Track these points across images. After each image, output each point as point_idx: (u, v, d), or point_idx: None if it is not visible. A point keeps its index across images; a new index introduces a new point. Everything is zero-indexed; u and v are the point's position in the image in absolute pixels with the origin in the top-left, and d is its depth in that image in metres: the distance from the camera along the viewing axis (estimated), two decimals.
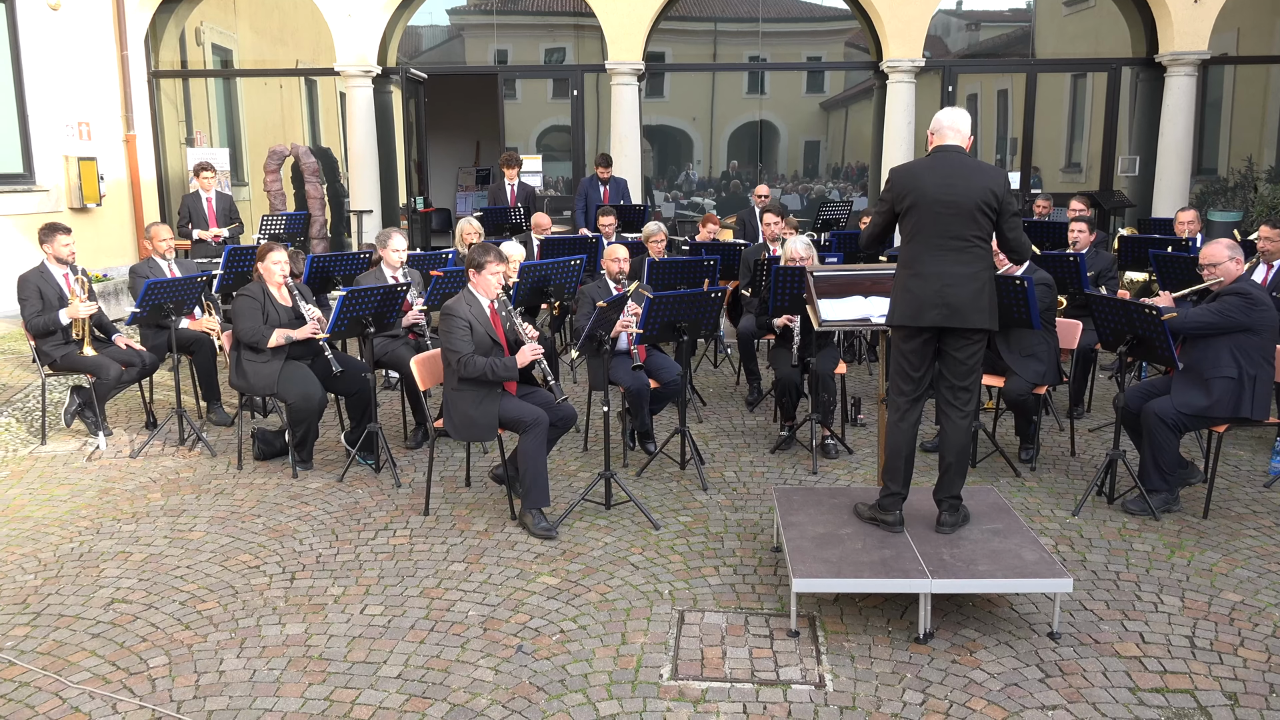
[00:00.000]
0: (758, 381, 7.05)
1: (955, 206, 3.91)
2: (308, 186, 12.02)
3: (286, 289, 5.70)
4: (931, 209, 3.94)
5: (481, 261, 4.83)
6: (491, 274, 4.84)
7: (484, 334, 4.79)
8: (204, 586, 4.21)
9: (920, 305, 3.97)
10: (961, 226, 3.92)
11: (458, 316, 4.74)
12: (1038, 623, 3.84)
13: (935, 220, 3.94)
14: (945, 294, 3.93)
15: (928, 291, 3.95)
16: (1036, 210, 9.46)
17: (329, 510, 5.06)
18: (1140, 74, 11.76)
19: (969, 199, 3.91)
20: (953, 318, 3.93)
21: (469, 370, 4.67)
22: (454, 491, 5.32)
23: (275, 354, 5.54)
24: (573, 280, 6.92)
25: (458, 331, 4.72)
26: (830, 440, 5.88)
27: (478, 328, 4.78)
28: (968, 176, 3.93)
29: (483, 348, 4.77)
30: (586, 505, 5.02)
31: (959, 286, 3.92)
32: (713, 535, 4.70)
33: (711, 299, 5.30)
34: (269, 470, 5.69)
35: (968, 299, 3.91)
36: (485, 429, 4.77)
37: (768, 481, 5.44)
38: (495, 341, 4.84)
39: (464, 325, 4.73)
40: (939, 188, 3.94)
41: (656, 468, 5.65)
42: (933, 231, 3.94)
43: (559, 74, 12.39)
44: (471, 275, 4.88)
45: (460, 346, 4.70)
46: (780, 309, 5.87)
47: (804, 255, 5.93)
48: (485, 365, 4.67)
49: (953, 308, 3.92)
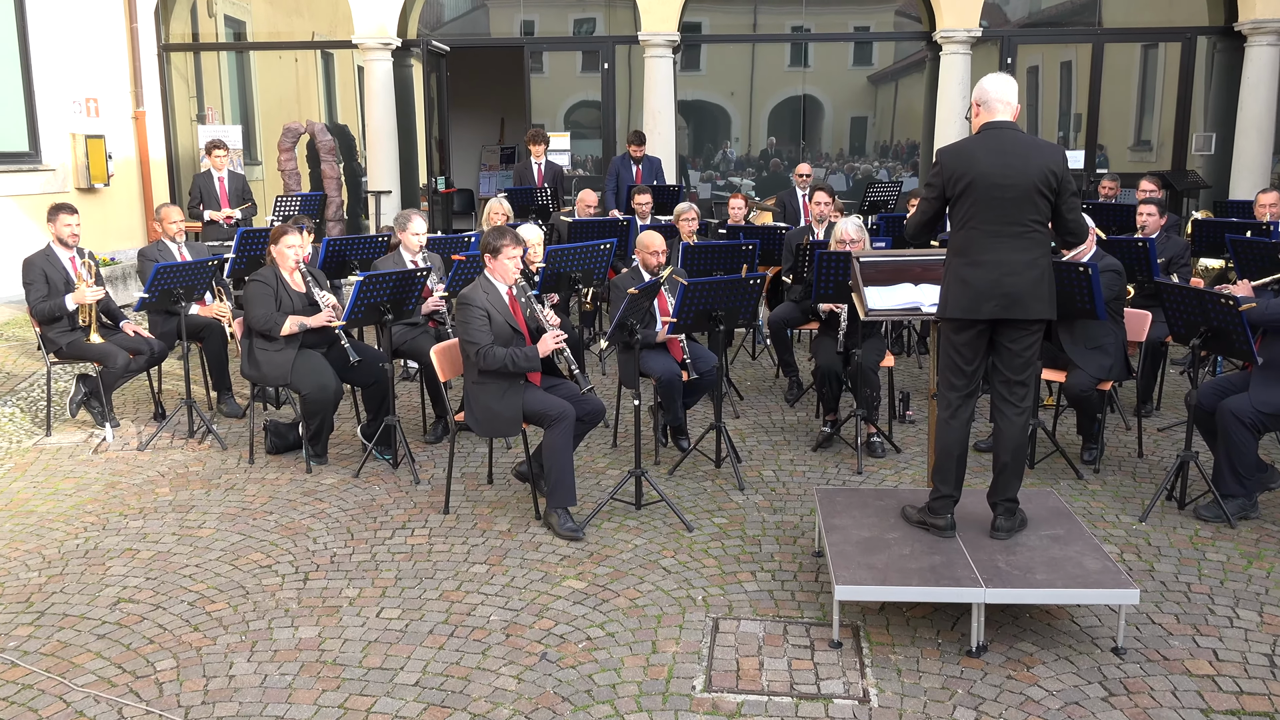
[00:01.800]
0: (795, 375, 7.03)
1: (1012, 189, 3.85)
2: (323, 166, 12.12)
3: (300, 274, 5.73)
4: (987, 193, 3.88)
5: (497, 246, 4.84)
6: (508, 258, 4.84)
7: (503, 323, 4.80)
8: (213, 586, 4.25)
9: (977, 296, 3.92)
10: (1019, 210, 3.86)
11: (474, 305, 4.75)
12: (1101, 637, 3.78)
13: (991, 204, 3.88)
14: (1003, 283, 3.87)
15: (984, 281, 3.90)
16: (1102, 191, 9.32)
17: (344, 508, 5.09)
18: (1217, 44, 11.53)
19: (1027, 180, 3.85)
20: (1012, 308, 3.88)
21: (488, 362, 4.68)
22: (475, 489, 5.34)
23: (289, 342, 5.58)
24: (602, 265, 6.92)
25: (475, 321, 4.73)
26: (876, 438, 5.84)
27: (496, 316, 4.78)
28: (1025, 155, 3.87)
29: (502, 337, 4.77)
30: (615, 505, 5.02)
31: (1018, 275, 3.86)
32: (750, 538, 4.69)
33: (749, 286, 5.28)
34: (282, 465, 5.73)
35: (1027, 288, 3.86)
36: (508, 423, 4.78)
37: (809, 481, 5.42)
38: (515, 330, 4.84)
39: (481, 314, 4.74)
40: (995, 169, 3.87)
41: (690, 466, 5.64)
42: (988, 216, 3.89)
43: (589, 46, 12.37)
44: (487, 261, 4.88)
45: (478, 337, 4.71)
46: (825, 295, 5.84)
47: (854, 238, 5.88)
48: (505, 356, 4.68)
49: (1011, 298, 3.87)
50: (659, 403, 5.76)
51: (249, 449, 5.85)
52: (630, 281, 5.76)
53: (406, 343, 6.08)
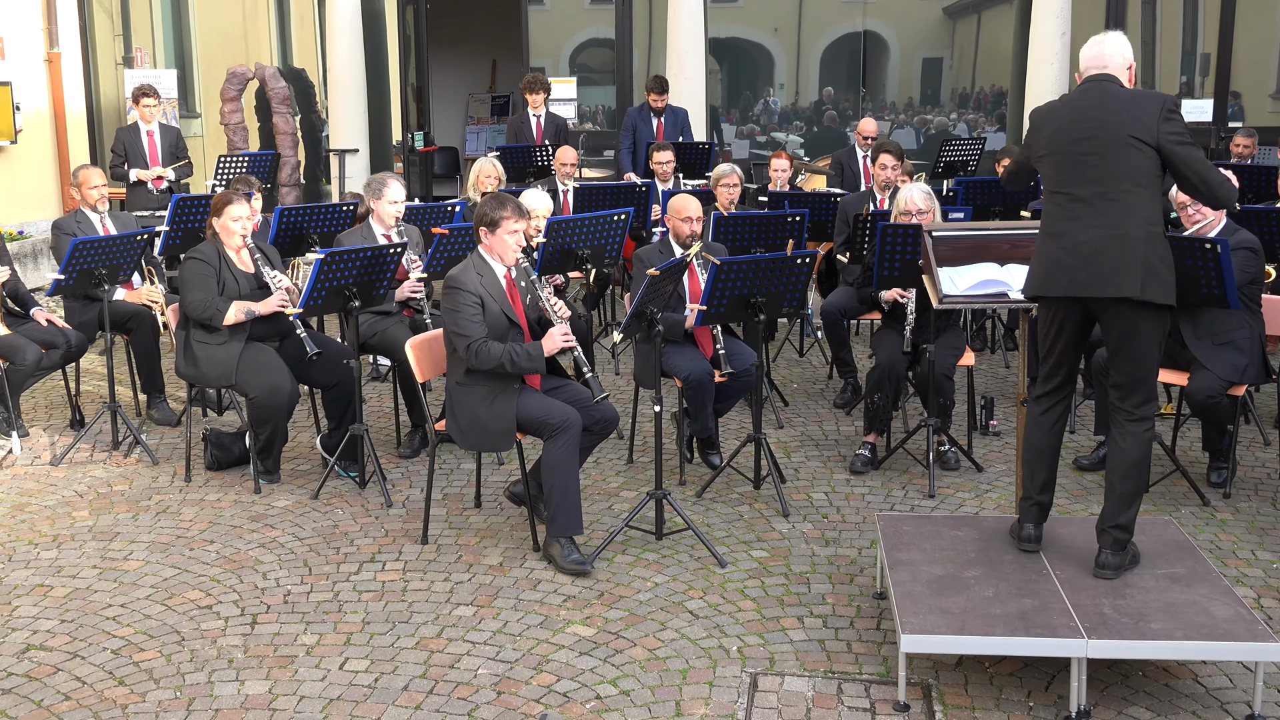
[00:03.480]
0: (852, 376, 7.02)
1: (1092, 143, 3.95)
2: (276, 119, 12.18)
3: (249, 251, 5.76)
4: (1065, 150, 4.00)
5: (496, 218, 4.83)
6: (509, 233, 4.84)
7: (499, 312, 4.80)
8: (142, 631, 4.27)
9: (1050, 270, 4.01)
10: (1104, 170, 3.94)
11: (464, 290, 4.75)
12: (1232, 701, 3.76)
13: (1070, 165, 3.99)
14: (1080, 254, 3.94)
15: (1060, 253, 3.99)
16: (1235, 150, 9.26)
17: (300, 536, 5.11)
18: None
19: (1111, 133, 3.93)
20: (1090, 284, 3.94)
21: (481, 360, 4.69)
22: (460, 514, 5.35)
23: (234, 334, 5.61)
24: (616, 241, 6.92)
25: (465, 310, 4.73)
26: (949, 450, 5.83)
27: (491, 304, 4.78)
28: (1112, 108, 3.96)
29: (497, 329, 4.78)
30: (631, 534, 5.02)
31: (1101, 245, 3.92)
32: (796, 576, 4.68)
33: (796, 266, 5.26)
34: (225, 483, 5.76)
35: (1111, 260, 3.91)
36: (499, 435, 4.79)
37: (868, 507, 5.40)
38: (513, 322, 4.85)
39: (473, 301, 4.74)
40: (1072, 123, 4.00)
41: (723, 486, 5.64)
42: (1068, 179, 4.00)
43: None
44: (483, 235, 4.88)
45: (469, 329, 4.71)
46: (888, 279, 5.81)
47: (921, 208, 5.88)
48: (502, 354, 4.69)
49: (1090, 272, 3.93)
50: (685, 409, 5.75)
51: (185, 464, 5.88)
52: (658, 256, 5.76)
53: (377, 335, 6.10)
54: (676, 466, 5.86)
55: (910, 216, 5.84)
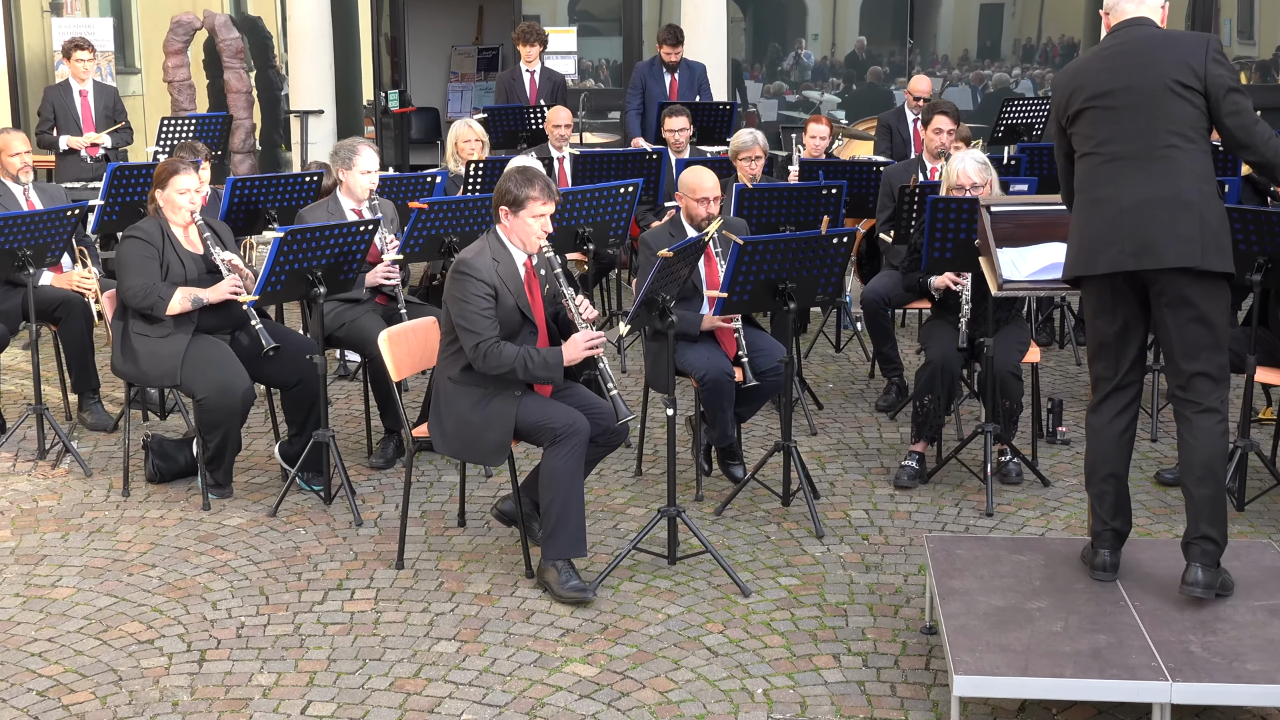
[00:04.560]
0: (898, 375, 6.99)
1: (1132, 94, 3.95)
2: (227, 75, 12.18)
3: (197, 228, 5.77)
4: (1101, 106, 3.99)
5: (521, 196, 4.77)
6: (535, 216, 4.77)
7: (512, 306, 4.78)
8: (73, 669, 4.27)
9: (1093, 243, 4.01)
10: (1146, 124, 3.94)
11: (477, 278, 4.71)
12: None
13: (1106, 121, 3.99)
14: (1124, 223, 3.95)
15: (1101, 223, 3.99)
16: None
17: (256, 559, 5.11)
18: None
19: (1150, 81, 3.93)
20: (1142, 256, 3.94)
21: (490, 363, 4.66)
22: (441, 534, 5.35)
23: (179, 325, 5.61)
24: (622, 218, 6.90)
25: (476, 301, 4.69)
26: (1011, 461, 5.83)
27: (505, 296, 4.76)
28: (1149, 52, 3.96)
29: (507, 325, 4.76)
30: (640, 558, 5.02)
31: (1149, 210, 3.93)
32: (831, 607, 4.67)
33: (832, 247, 5.24)
34: (168, 498, 5.76)
35: (1164, 226, 3.91)
36: (491, 446, 4.78)
37: (916, 526, 5.39)
38: (527, 319, 4.84)
39: (486, 292, 4.70)
40: (1105, 74, 3.99)
41: (746, 503, 5.63)
42: (1105, 136, 4.00)
43: None
44: (503, 216, 4.83)
45: (480, 325, 4.67)
46: (940, 262, 5.80)
47: (976, 180, 5.86)
48: (516, 358, 4.66)
49: (1141, 242, 3.93)
50: (702, 413, 5.73)
51: (123, 476, 5.88)
52: (666, 238, 5.73)
53: (345, 326, 6.10)
54: (692, 480, 5.84)
55: (964, 190, 5.81)
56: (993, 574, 4.24)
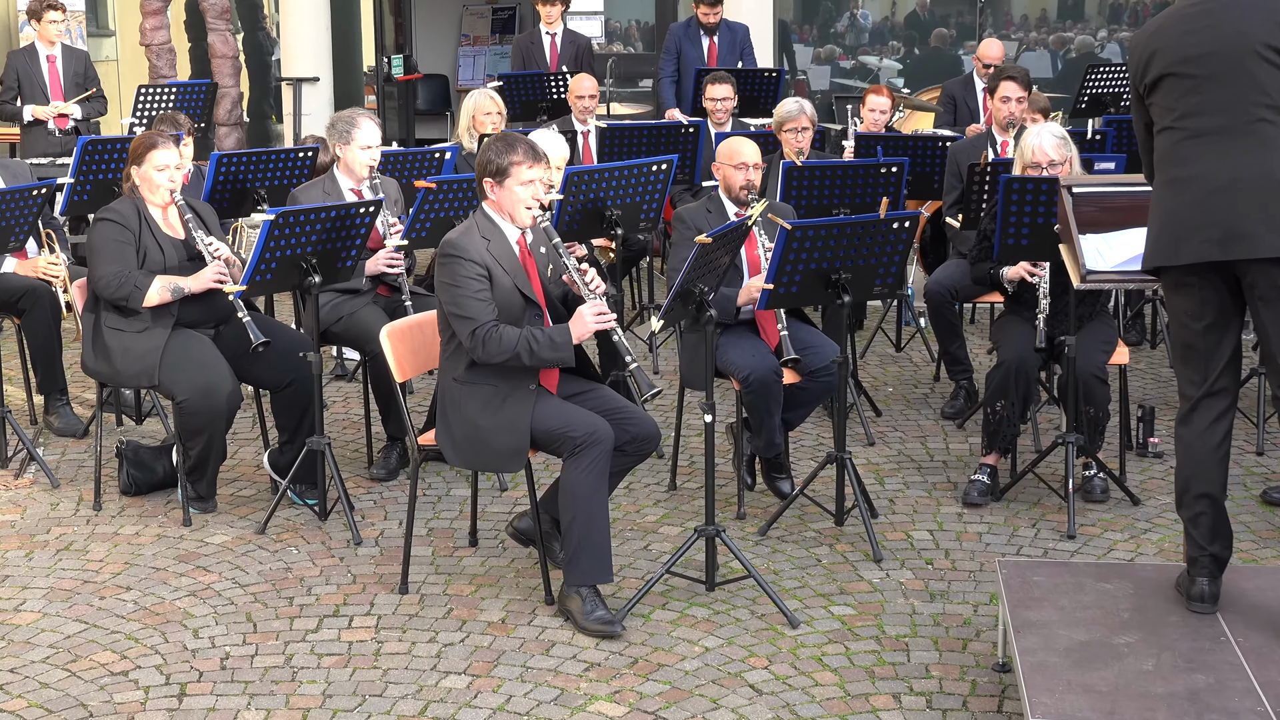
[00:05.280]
0: (967, 377, 6.99)
1: (1215, 60, 3.95)
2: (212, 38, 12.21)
3: (178, 210, 5.79)
4: (1180, 74, 4.00)
5: (503, 164, 4.82)
6: (522, 184, 4.83)
7: (510, 287, 4.80)
8: (38, 704, 4.29)
9: (1176, 231, 4.01)
10: (1233, 95, 3.94)
11: (466, 259, 4.75)
12: None
13: (1189, 91, 3.99)
14: (1210, 206, 3.93)
15: (1185, 207, 3.99)
16: None
17: (243, 582, 5.13)
18: None
19: (1237, 47, 3.93)
20: (1230, 245, 3.93)
21: (490, 350, 4.68)
22: (450, 555, 5.36)
23: (157, 319, 5.63)
24: (654, 200, 6.90)
25: (468, 284, 4.73)
26: (1096, 475, 5.80)
27: (501, 277, 4.79)
28: (1237, 9, 3.96)
29: (508, 311, 4.78)
30: (674, 583, 5.02)
31: (1237, 192, 3.92)
32: (891, 640, 4.67)
33: (892, 232, 5.24)
34: (145, 512, 5.79)
35: (1253, 211, 3.90)
36: (508, 451, 4.78)
37: (987, 549, 5.37)
38: (530, 300, 4.86)
39: (478, 274, 4.74)
40: (1186, 38, 3.99)
41: (794, 522, 5.63)
42: (1187, 108, 4.00)
43: None
44: (488, 189, 4.89)
45: (474, 310, 4.71)
46: (1014, 250, 5.78)
47: (1054, 158, 5.86)
48: (518, 341, 4.68)
49: (1228, 228, 3.92)
50: (744, 419, 5.73)
51: (94, 487, 5.90)
52: (704, 219, 5.73)
53: (343, 320, 6.12)
54: (733, 495, 5.84)
55: (1041, 168, 5.81)
56: (1075, 604, 4.22)
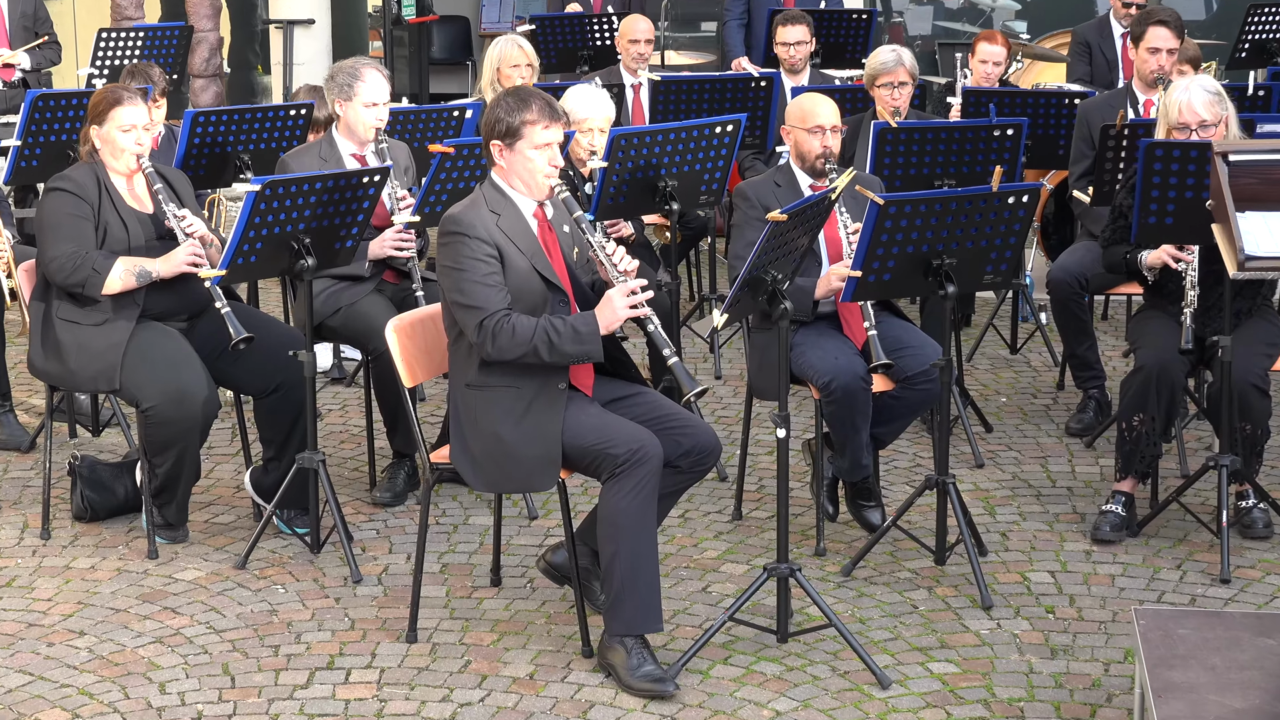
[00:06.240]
0: (1098, 385, 6.97)
1: None
2: None
3: (146, 179, 5.79)
4: None
5: (514, 124, 4.82)
6: (536, 147, 4.83)
7: (526, 269, 4.81)
8: None
9: None
10: None
11: (473, 236, 4.75)
12: None
13: None
14: None
15: None
16: None
17: (220, 626, 5.13)
18: None
19: None
20: None
21: (502, 345, 4.68)
22: (468, 596, 5.36)
23: (119, 309, 5.63)
24: (717, 168, 6.89)
25: (475, 267, 4.73)
26: (1255, 506, 5.76)
27: (516, 258, 4.79)
28: None
29: (527, 298, 4.79)
30: (739, 633, 5.00)
31: None
32: (1003, 704, 4.64)
33: (1007, 208, 5.22)
34: (102, 542, 5.79)
35: None
36: (536, 466, 4.78)
37: (1120, 596, 5.34)
38: (552, 285, 4.86)
39: (487, 254, 4.74)
40: None
41: (885, 559, 5.61)
42: None
43: None
44: (497, 153, 4.89)
45: (483, 298, 4.71)
46: (1156, 230, 5.74)
47: (1206, 118, 5.83)
48: (535, 333, 4.67)
49: None
50: (825, 435, 5.71)
51: (42, 512, 5.92)
52: (772, 194, 5.72)
53: (341, 313, 6.13)
54: (811, 526, 5.81)
55: (1191, 131, 5.79)
56: (1229, 664, 4.16)
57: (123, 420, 6.64)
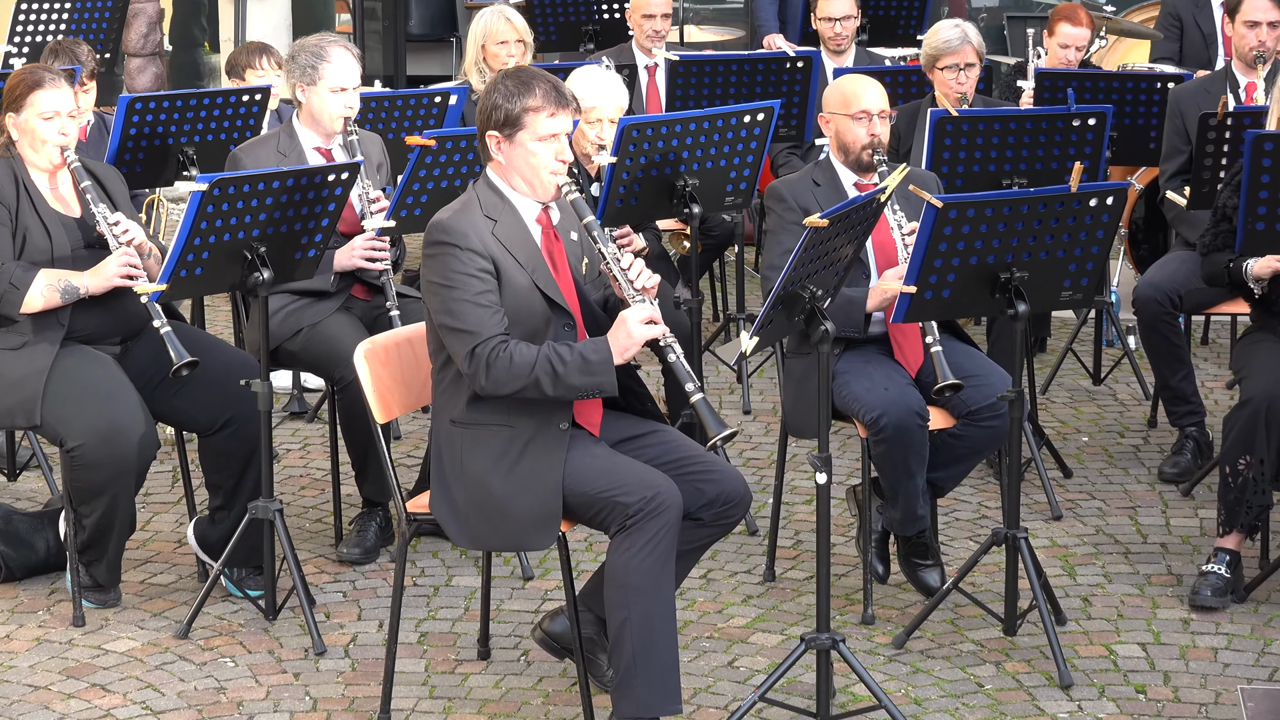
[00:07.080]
0: (1197, 421, 7.00)
1: None
2: None
3: (72, 176, 5.79)
4: None
5: (516, 110, 4.83)
6: (540, 139, 4.83)
7: (527, 286, 4.82)
8: None
9: None
10: None
11: (464, 248, 4.75)
12: None
13: None
14: None
15: None
16: None
17: (157, 707, 5.14)
18: None
19: None
20: None
21: (498, 377, 4.68)
22: (451, 671, 5.37)
23: (40, 331, 5.65)
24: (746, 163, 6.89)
25: (466, 284, 4.74)
26: None
27: (514, 272, 4.80)
28: None
29: (526, 321, 4.80)
30: (772, 715, 5.01)
31: None
32: None
33: (1088, 211, 5.22)
34: (19, 607, 5.82)
35: None
36: (530, 519, 4.78)
37: (1225, 674, 5.31)
38: (557, 305, 4.86)
39: (481, 269, 4.75)
40: None
41: (946, 629, 5.63)
42: None
43: None
44: (494, 147, 4.89)
45: (475, 321, 4.71)
46: (1264, 238, 5.77)
47: None
48: (537, 362, 4.67)
49: None
50: (874, 481, 5.71)
51: None
52: (811, 194, 5.76)
53: (302, 334, 6.16)
54: (856, 589, 5.83)
55: None
56: None
57: (44, 462, 6.68)
